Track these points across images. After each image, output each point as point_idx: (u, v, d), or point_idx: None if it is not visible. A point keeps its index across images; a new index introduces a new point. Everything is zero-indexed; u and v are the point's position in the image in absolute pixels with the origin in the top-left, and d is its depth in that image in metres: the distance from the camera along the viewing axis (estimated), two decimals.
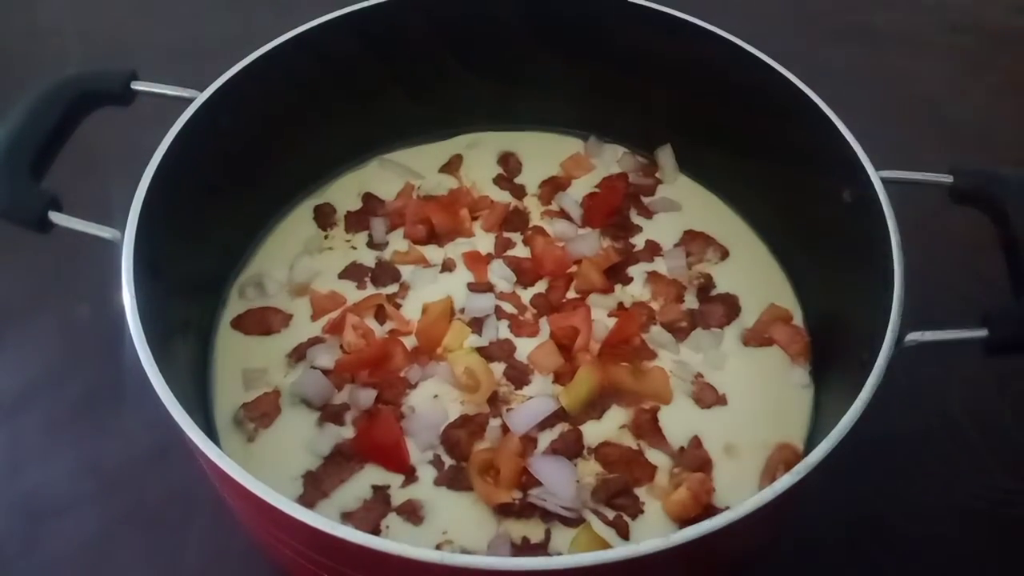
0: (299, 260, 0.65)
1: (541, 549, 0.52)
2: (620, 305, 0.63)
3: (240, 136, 0.60)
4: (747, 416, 0.58)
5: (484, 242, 0.67)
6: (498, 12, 0.67)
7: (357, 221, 0.68)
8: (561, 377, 0.59)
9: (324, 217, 0.68)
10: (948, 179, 0.53)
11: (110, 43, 0.82)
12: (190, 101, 0.55)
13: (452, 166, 0.72)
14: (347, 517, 0.53)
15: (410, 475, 0.55)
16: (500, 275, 0.65)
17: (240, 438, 0.56)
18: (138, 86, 0.56)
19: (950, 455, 0.60)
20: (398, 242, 0.67)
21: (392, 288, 0.64)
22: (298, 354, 0.60)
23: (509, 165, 0.72)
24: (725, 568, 0.51)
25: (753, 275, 0.66)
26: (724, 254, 0.67)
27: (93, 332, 0.65)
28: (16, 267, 0.68)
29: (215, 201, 0.59)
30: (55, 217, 0.50)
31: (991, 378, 0.61)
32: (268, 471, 0.54)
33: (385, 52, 0.67)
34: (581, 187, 0.71)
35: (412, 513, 0.53)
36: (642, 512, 0.54)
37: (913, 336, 0.47)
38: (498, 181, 0.71)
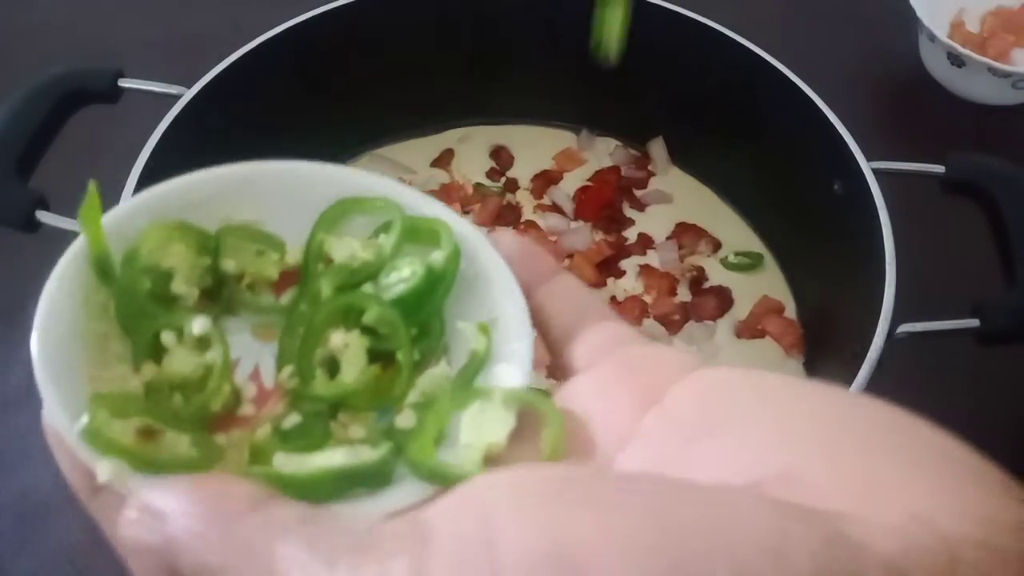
0: None
1: None
2: (612, 299, 0.63)
3: (228, 132, 0.59)
4: None
5: None
6: (489, 6, 0.67)
7: None
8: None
9: None
10: (940, 170, 0.53)
11: (97, 40, 0.81)
12: (178, 98, 0.55)
13: (443, 160, 0.72)
14: None
15: None
16: None
17: None
18: (125, 83, 0.56)
19: None
20: None
21: None
22: None
23: (501, 159, 0.72)
24: None
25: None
26: (716, 246, 0.67)
27: None
28: (7, 267, 0.68)
29: None
30: (42, 216, 0.50)
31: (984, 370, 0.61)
32: None
33: (375, 46, 0.66)
34: (573, 180, 0.71)
35: None
36: None
37: (905, 327, 0.47)
38: (490, 175, 0.71)
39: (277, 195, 0.27)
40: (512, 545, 0.16)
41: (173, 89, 0.56)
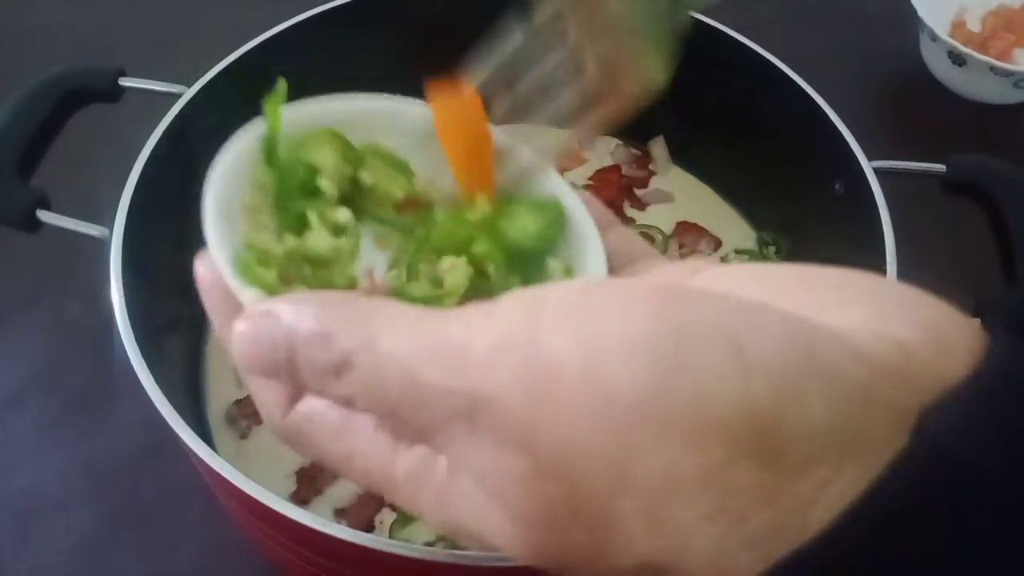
0: None
1: None
2: None
3: (229, 131, 0.59)
4: None
5: None
6: (487, 6, 0.67)
7: None
8: None
9: None
10: (941, 169, 0.53)
11: (97, 39, 0.81)
12: (178, 97, 0.55)
13: None
14: (340, 514, 0.53)
15: None
16: None
17: (233, 435, 0.56)
18: (126, 82, 0.56)
19: None
20: None
21: None
22: None
23: None
24: None
25: None
26: (717, 245, 0.67)
27: (85, 330, 0.65)
28: (6, 266, 0.68)
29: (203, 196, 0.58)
30: (43, 215, 0.50)
31: None
32: (261, 468, 0.54)
33: (375, 45, 0.66)
34: (574, 179, 0.71)
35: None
36: None
37: None
38: None
39: (416, 130, 0.33)
40: (555, 294, 0.21)
41: (174, 88, 0.56)
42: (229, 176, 0.29)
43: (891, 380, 0.19)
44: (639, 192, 0.70)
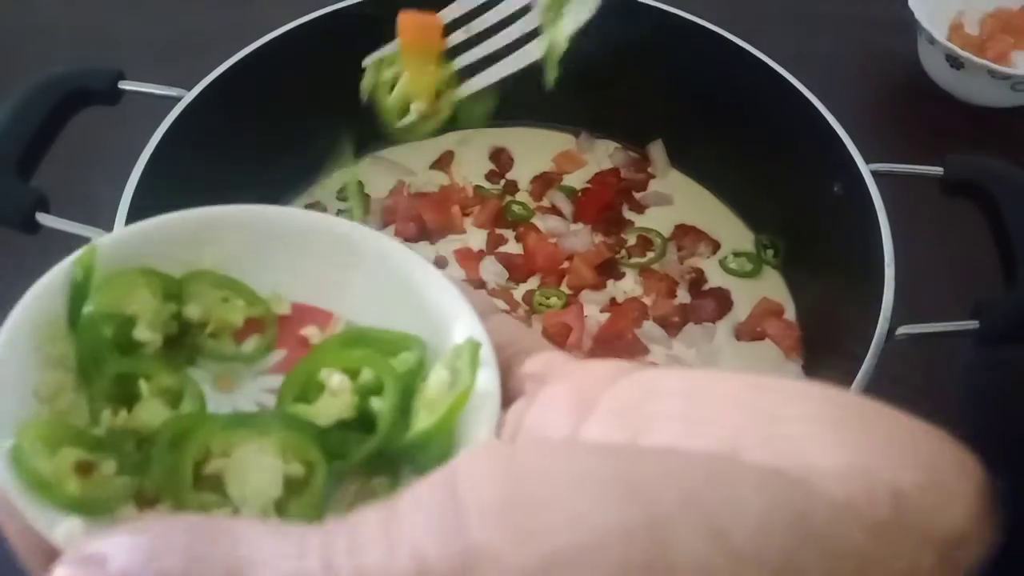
0: None
1: None
2: (612, 301, 0.63)
3: (229, 135, 0.59)
4: None
5: (476, 239, 0.67)
6: (489, 6, 0.67)
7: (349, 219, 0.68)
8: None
9: None
10: (938, 171, 0.53)
11: (97, 40, 0.81)
12: (178, 100, 0.55)
13: (443, 162, 0.72)
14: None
15: None
16: (492, 272, 0.64)
17: None
18: (125, 85, 0.56)
19: None
20: None
21: None
22: None
23: (500, 161, 0.72)
24: None
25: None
26: (715, 247, 0.67)
27: None
28: (6, 267, 0.68)
29: (203, 201, 0.58)
30: (42, 218, 0.50)
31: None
32: None
33: (375, 48, 0.66)
34: (573, 182, 0.71)
35: None
36: None
37: (904, 329, 0.47)
38: (490, 177, 0.71)
39: (243, 240, 0.26)
40: (475, 484, 0.17)
41: (173, 91, 0.56)
42: (8, 365, 0.22)
43: (886, 539, 0.17)
44: (637, 195, 0.70)
